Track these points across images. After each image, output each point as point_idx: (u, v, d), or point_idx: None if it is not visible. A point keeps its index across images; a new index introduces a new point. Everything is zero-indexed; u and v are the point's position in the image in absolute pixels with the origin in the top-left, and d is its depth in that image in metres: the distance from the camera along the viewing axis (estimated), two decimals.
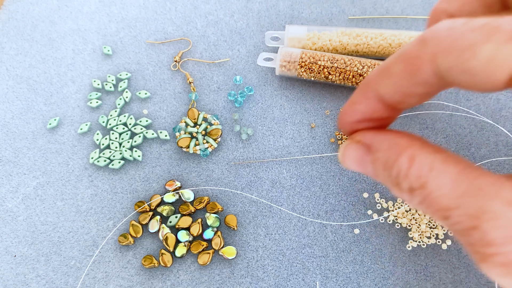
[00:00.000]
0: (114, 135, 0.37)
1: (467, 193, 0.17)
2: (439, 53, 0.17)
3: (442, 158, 0.18)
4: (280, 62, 0.38)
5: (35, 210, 0.35)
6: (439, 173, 0.18)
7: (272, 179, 0.36)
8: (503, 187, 0.16)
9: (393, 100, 0.21)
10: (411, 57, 0.18)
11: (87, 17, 0.43)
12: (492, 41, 0.15)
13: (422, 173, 0.18)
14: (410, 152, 0.19)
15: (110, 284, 0.32)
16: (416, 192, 0.18)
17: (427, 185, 0.18)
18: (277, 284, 0.32)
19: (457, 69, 0.16)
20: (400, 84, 0.19)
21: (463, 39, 0.16)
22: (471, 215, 0.16)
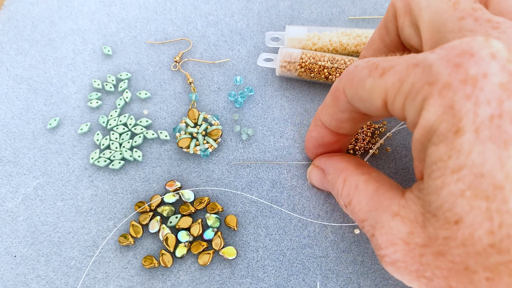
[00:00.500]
0: (114, 136, 0.37)
1: (373, 207, 0.21)
2: (345, 86, 0.22)
3: (364, 179, 0.23)
4: (280, 62, 0.38)
5: (35, 211, 0.35)
6: (360, 192, 0.23)
7: (272, 179, 0.36)
8: (394, 201, 0.20)
9: (332, 127, 0.26)
10: (334, 90, 0.24)
11: (87, 17, 0.43)
12: (371, 76, 0.19)
13: (350, 192, 0.23)
14: (343, 175, 0.25)
15: (110, 284, 0.32)
16: (347, 207, 0.24)
17: (352, 202, 0.23)
18: (277, 284, 0.32)
19: (355, 97, 0.21)
20: (331, 112, 0.25)
21: (358, 75, 0.20)
22: (371, 225, 0.20)
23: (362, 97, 0.20)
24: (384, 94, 0.18)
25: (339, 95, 0.23)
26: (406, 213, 0.18)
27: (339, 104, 0.23)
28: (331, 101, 0.24)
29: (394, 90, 0.18)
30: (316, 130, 0.28)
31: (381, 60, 0.19)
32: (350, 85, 0.21)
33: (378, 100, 0.19)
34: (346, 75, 0.22)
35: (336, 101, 0.23)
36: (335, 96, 0.23)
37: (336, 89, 0.23)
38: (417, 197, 0.18)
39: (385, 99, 0.18)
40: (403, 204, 0.19)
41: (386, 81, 0.18)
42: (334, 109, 0.24)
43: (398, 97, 0.17)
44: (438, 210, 0.16)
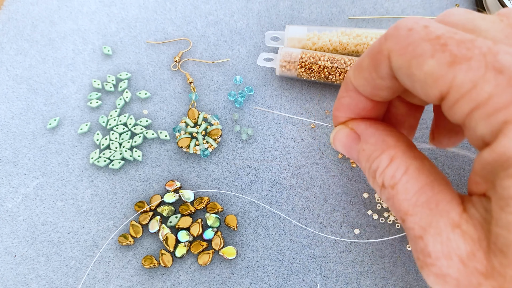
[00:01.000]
0: (114, 135, 0.37)
1: (425, 204, 0.18)
2: (393, 51, 0.18)
3: (417, 166, 0.19)
4: (280, 62, 0.38)
5: (35, 210, 0.35)
6: (410, 179, 0.19)
7: (272, 179, 0.36)
8: (454, 208, 0.17)
9: (366, 93, 0.22)
10: (374, 52, 0.19)
11: (87, 17, 0.43)
12: (435, 58, 0.15)
13: (396, 174, 0.19)
14: (392, 152, 0.20)
15: (110, 284, 0.32)
16: (386, 189, 0.20)
17: (396, 187, 0.19)
18: (277, 284, 0.32)
19: (404, 71, 0.17)
20: (368, 77, 0.20)
21: (415, 46, 0.16)
22: (421, 225, 0.18)
23: (415, 76, 0.16)
24: (446, 89, 0.15)
25: (380, 59, 0.19)
26: (469, 230, 0.16)
27: (379, 69, 0.19)
28: (369, 64, 0.20)
29: (462, 91, 0.14)
30: (348, 96, 0.23)
31: (450, 37, 0.15)
32: (400, 54, 0.17)
33: (435, 90, 0.16)
34: (396, 38, 0.17)
35: (376, 66, 0.19)
36: (375, 59, 0.19)
37: (378, 51, 0.19)
38: (483, 218, 0.16)
39: (445, 94, 0.15)
40: (466, 219, 0.17)
41: (454, 75, 0.15)
42: (372, 74, 0.20)
43: (465, 102, 0.14)
44: (508, 248, 0.14)
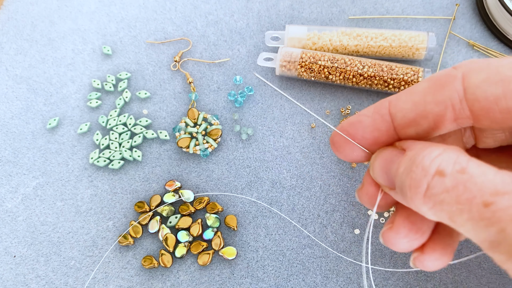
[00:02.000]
0: (114, 135, 0.37)
1: None
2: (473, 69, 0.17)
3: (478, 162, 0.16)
4: (280, 62, 0.37)
5: (35, 211, 0.35)
6: (479, 163, 0.16)
7: (272, 179, 0.36)
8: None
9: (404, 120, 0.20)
10: (440, 76, 0.18)
11: (86, 17, 0.43)
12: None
13: (460, 160, 0.16)
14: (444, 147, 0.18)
15: (110, 284, 0.32)
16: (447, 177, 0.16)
17: (467, 170, 0.16)
18: (277, 284, 0.32)
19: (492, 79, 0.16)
20: (419, 100, 0.19)
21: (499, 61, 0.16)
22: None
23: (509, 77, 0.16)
24: None
25: (449, 81, 0.18)
26: None
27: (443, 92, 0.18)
28: (429, 88, 0.18)
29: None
30: (373, 118, 0.21)
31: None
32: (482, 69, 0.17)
33: None
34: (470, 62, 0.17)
35: (439, 88, 0.18)
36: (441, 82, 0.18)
37: (447, 75, 0.18)
38: None
39: None
40: None
41: None
42: (428, 97, 0.18)
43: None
44: None
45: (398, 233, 0.20)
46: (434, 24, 0.42)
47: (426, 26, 0.42)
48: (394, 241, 0.20)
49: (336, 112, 0.38)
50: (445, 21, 0.42)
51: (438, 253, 0.20)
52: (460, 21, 0.42)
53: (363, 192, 0.22)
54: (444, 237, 0.20)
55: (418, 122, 0.19)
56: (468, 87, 0.17)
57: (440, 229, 0.21)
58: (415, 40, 0.38)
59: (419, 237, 0.20)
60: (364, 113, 0.21)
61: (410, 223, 0.20)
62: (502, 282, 0.32)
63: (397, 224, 0.20)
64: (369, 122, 0.21)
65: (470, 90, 0.17)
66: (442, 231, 0.21)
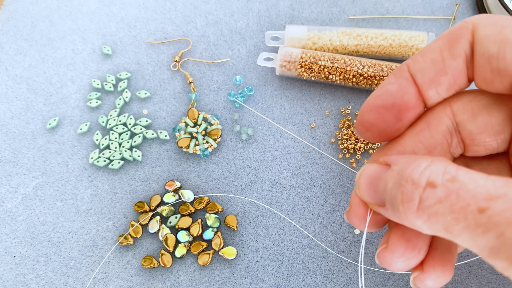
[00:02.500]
0: (113, 135, 0.37)
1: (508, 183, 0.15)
2: (480, 23, 0.17)
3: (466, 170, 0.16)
4: (280, 62, 0.37)
5: (35, 211, 0.35)
6: (468, 171, 0.16)
7: (272, 179, 0.36)
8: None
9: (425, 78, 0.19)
10: (451, 33, 0.18)
11: (86, 17, 0.43)
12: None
13: (449, 169, 0.16)
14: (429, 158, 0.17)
15: (110, 284, 0.32)
16: (438, 187, 0.16)
17: (457, 178, 0.16)
18: (277, 284, 0.32)
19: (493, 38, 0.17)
20: (436, 57, 0.19)
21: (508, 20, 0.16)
22: None
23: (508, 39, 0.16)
24: None
25: (462, 34, 0.18)
26: None
27: (458, 44, 0.18)
28: (444, 43, 0.19)
29: None
30: (398, 83, 0.20)
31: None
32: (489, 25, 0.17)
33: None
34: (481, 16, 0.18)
35: (454, 42, 0.18)
36: (455, 36, 0.18)
37: (459, 28, 0.18)
38: None
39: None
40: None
41: None
42: (444, 53, 0.19)
43: None
44: None
45: (394, 252, 0.20)
46: (434, 24, 0.42)
47: (426, 26, 0.42)
48: (390, 261, 0.20)
49: (336, 112, 0.38)
50: (445, 21, 0.42)
51: (439, 270, 0.20)
52: (460, 21, 0.42)
53: (351, 214, 0.21)
54: (442, 251, 0.20)
55: (439, 80, 0.19)
56: (476, 40, 0.17)
57: (436, 244, 0.20)
58: (415, 40, 0.38)
59: (416, 255, 0.19)
60: (388, 82, 0.21)
61: (405, 241, 0.19)
62: (502, 282, 0.32)
63: (392, 243, 0.20)
64: (396, 88, 0.20)
65: (476, 43, 0.17)
66: (439, 246, 0.20)
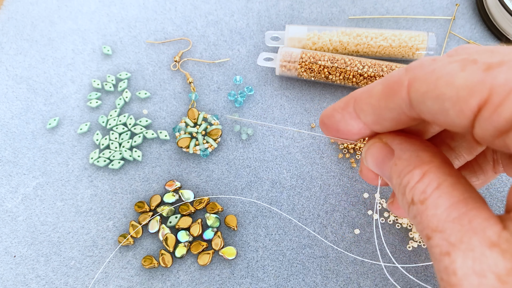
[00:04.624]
0: (114, 135, 0.37)
1: (457, 220, 0.17)
2: (416, 78, 0.17)
3: (452, 182, 0.18)
4: (280, 62, 0.37)
5: (35, 211, 0.35)
6: (442, 194, 0.18)
7: (272, 179, 0.36)
8: (491, 226, 0.16)
9: (366, 120, 0.21)
10: (391, 81, 0.19)
11: (86, 17, 0.43)
12: (467, 70, 0.15)
13: (427, 189, 0.18)
14: (425, 167, 0.19)
15: (110, 284, 0.32)
16: (415, 205, 0.19)
17: (426, 201, 0.18)
18: (277, 284, 0.32)
19: (429, 96, 0.17)
20: (375, 105, 0.20)
21: (441, 69, 0.16)
22: (450, 241, 0.16)
23: (444, 95, 0.16)
24: (488, 93, 0.14)
25: (398, 89, 0.18)
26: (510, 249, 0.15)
27: (393, 99, 0.19)
28: (382, 92, 0.19)
29: (508, 89, 0.14)
30: (342, 115, 0.22)
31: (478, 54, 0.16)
32: (425, 79, 0.17)
33: (474, 99, 0.15)
34: (418, 67, 0.17)
35: (390, 95, 0.19)
36: (391, 88, 0.19)
37: (396, 81, 0.18)
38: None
39: (487, 99, 0.14)
40: (507, 238, 0.16)
41: (495, 77, 0.14)
42: (381, 103, 0.19)
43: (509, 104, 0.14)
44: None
45: (398, 208, 0.24)
46: (434, 24, 0.42)
47: (426, 26, 0.42)
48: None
49: None
50: (445, 21, 0.42)
51: None
52: (460, 21, 0.42)
53: (363, 175, 0.24)
54: None
55: (380, 122, 0.20)
56: (412, 99, 0.18)
57: None
58: (415, 40, 0.38)
59: None
60: (338, 106, 0.22)
61: None
62: None
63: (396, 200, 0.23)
64: (340, 117, 0.22)
65: (413, 102, 0.18)
66: None
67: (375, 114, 0.20)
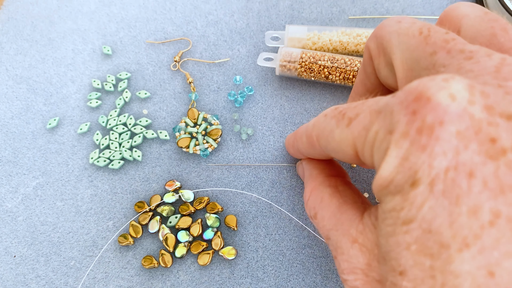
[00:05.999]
0: (114, 135, 0.37)
1: (335, 227, 0.21)
2: (318, 136, 0.22)
3: (330, 192, 0.23)
4: (280, 62, 0.37)
5: (35, 211, 0.35)
6: (324, 206, 0.22)
7: (272, 179, 0.36)
8: (353, 224, 0.20)
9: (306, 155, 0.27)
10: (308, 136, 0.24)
11: (86, 17, 0.43)
12: (339, 127, 0.19)
13: (315, 205, 0.23)
14: (312, 185, 0.25)
15: (110, 284, 0.32)
16: (313, 220, 0.23)
17: (317, 216, 0.22)
18: (277, 284, 0.32)
19: (328, 148, 0.21)
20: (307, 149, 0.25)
21: (327, 126, 0.20)
22: (334, 247, 0.20)
23: (334, 148, 0.20)
24: (353, 145, 0.18)
25: (313, 143, 0.23)
26: (364, 242, 0.18)
27: (315, 149, 0.24)
28: (307, 143, 0.24)
29: (361, 140, 0.17)
30: (293, 147, 0.29)
31: (347, 107, 0.19)
32: (321, 136, 0.21)
33: (349, 150, 0.19)
34: (317, 126, 0.22)
35: (312, 146, 0.24)
36: (310, 141, 0.24)
37: (310, 136, 0.23)
38: (374, 226, 0.18)
39: (355, 149, 0.18)
40: (361, 230, 0.19)
41: (352, 131, 0.18)
42: (310, 150, 0.25)
43: (366, 146, 0.17)
44: (386, 255, 0.16)
45: None
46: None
47: None
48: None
49: None
50: None
51: None
52: None
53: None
54: None
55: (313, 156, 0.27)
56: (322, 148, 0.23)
57: None
58: None
59: None
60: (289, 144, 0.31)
61: None
62: None
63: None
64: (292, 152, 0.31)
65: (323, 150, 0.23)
66: None
67: (308, 154, 0.26)
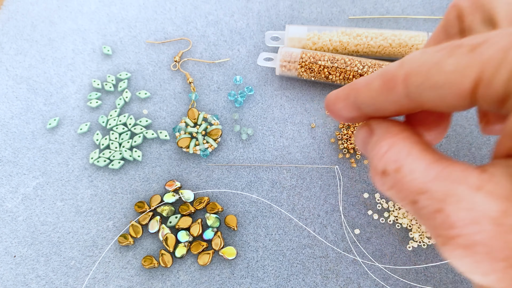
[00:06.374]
0: (114, 135, 0.37)
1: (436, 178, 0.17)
2: (411, 73, 0.18)
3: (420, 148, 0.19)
4: (280, 62, 0.37)
5: (35, 211, 0.35)
6: (415, 159, 0.18)
7: (272, 180, 0.36)
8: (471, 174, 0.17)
9: (366, 110, 0.22)
10: (388, 76, 0.20)
11: (87, 17, 0.43)
12: (455, 55, 0.16)
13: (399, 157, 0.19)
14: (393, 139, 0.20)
15: (110, 284, 0.32)
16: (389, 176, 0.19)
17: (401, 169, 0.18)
18: (277, 284, 0.32)
19: (425, 86, 0.18)
20: (375, 98, 0.21)
21: (431, 59, 0.17)
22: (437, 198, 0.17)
23: (438, 83, 0.17)
24: (478, 71, 0.16)
25: (394, 85, 0.20)
26: (495, 189, 0.16)
27: (392, 94, 0.20)
28: (380, 88, 0.20)
29: (495, 63, 0.15)
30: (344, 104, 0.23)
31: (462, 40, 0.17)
32: (417, 72, 0.18)
33: (467, 80, 0.16)
34: (411, 61, 0.19)
35: (388, 91, 0.20)
36: (389, 84, 0.20)
37: (392, 77, 0.20)
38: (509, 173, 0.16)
39: (479, 77, 0.16)
40: (487, 179, 0.16)
41: (481, 54, 0.15)
42: (381, 97, 0.21)
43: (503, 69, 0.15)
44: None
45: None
46: (434, 24, 0.42)
47: (426, 26, 0.42)
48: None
49: None
50: None
51: None
52: None
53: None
54: None
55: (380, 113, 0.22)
56: (410, 92, 0.19)
57: None
58: (415, 40, 0.38)
59: None
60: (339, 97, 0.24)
61: None
62: None
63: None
64: (342, 106, 0.23)
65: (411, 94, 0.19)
66: None
67: (375, 106, 0.21)
